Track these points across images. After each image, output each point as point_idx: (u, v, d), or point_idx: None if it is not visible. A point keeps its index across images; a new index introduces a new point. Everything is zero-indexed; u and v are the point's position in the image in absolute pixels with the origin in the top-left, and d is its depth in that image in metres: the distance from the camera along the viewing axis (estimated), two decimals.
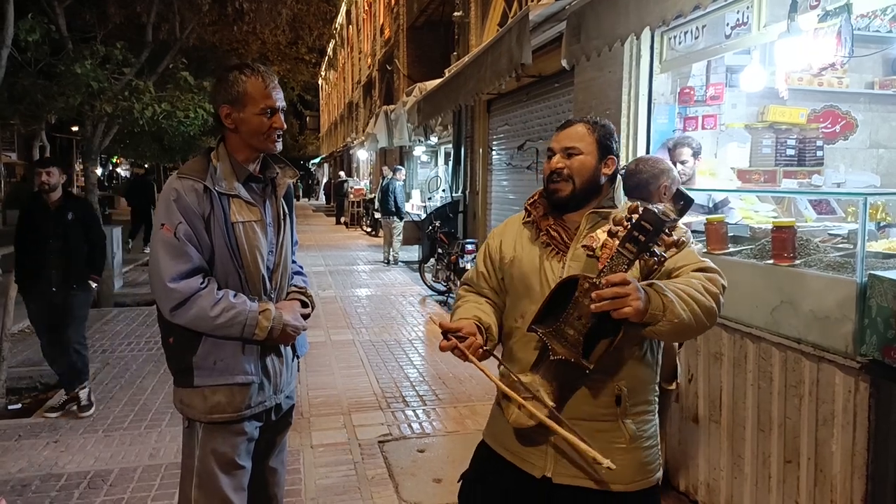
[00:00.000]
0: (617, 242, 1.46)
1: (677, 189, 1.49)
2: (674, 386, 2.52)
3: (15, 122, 8.60)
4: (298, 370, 2.32)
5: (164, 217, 1.89)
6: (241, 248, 1.94)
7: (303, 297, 2.17)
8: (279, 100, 1.97)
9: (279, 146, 2.02)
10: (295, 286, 2.21)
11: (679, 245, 1.49)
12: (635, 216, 1.45)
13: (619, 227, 1.47)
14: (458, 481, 1.91)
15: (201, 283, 1.89)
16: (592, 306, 1.44)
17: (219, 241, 1.92)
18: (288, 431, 2.28)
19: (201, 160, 1.99)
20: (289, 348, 2.14)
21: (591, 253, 1.54)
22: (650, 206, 1.43)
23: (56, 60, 6.89)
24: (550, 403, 1.55)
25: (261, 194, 2.06)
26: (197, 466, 1.98)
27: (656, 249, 1.47)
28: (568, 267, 1.66)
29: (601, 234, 1.54)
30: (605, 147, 1.73)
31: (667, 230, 1.44)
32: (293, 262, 2.26)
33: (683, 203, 1.45)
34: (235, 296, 1.93)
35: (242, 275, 1.97)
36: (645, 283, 1.50)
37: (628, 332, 1.52)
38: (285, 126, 2.01)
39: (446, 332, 1.65)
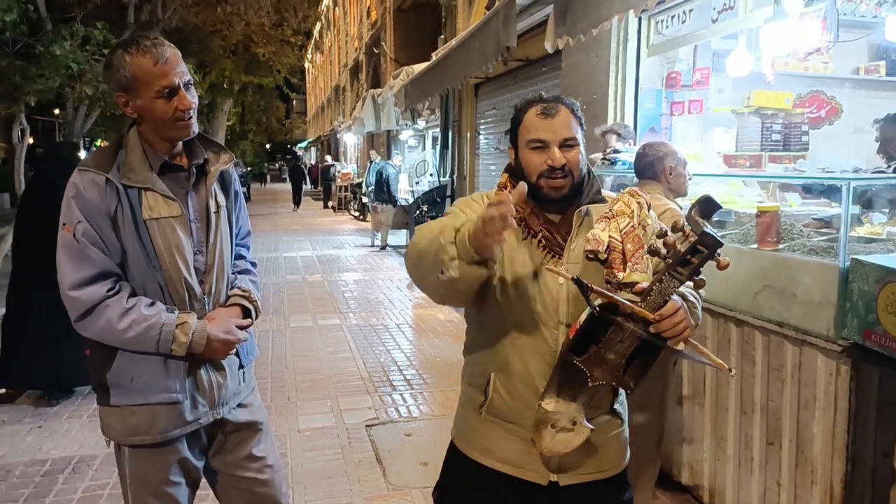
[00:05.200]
0: (664, 263, 1.37)
1: (706, 195, 1.38)
2: (681, 346, 2.54)
3: None
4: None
5: (64, 216, 1.67)
6: (157, 249, 1.70)
7: (245, 303, 1.89)
8: (179, 74, 1.67)
9: (194, 129, 1.75)
10: (238, 289, 1.92)
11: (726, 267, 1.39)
12: (684, 238, 1.34)
13: (660, 244, 1.35)
14: (434, 493, 1.77)
15: (108, 291, 1.66)
16: (672, 341, 1.38)
17: (130, 241, 1.68)
18: (257, 435, 1.98)
19: (109, 149, 1.74)
20: (233, 356, 1.87)
21: (594, 256, 1.46)
22: (707, 230, 1.32)
23: (34, 41, 6.76)
24: (590, 427, 1.48)
25: (184, 185, 1.78)
26: (130, 495, 1.81)
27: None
28: (566, 271, 1.50)
29: (602, 235, 1.46)
30: (582, 127, 1.57)
31: (719, 252, 1.35)
32: (242, 257, 2.01)
33: (710, 208, 1.38)
34: (151, 305, 1.69)
35: (161, 279, 1.72)
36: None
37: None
38: (193, 104, 1.71)
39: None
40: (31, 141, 7.32)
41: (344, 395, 4.60)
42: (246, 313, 1.90)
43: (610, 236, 1.47)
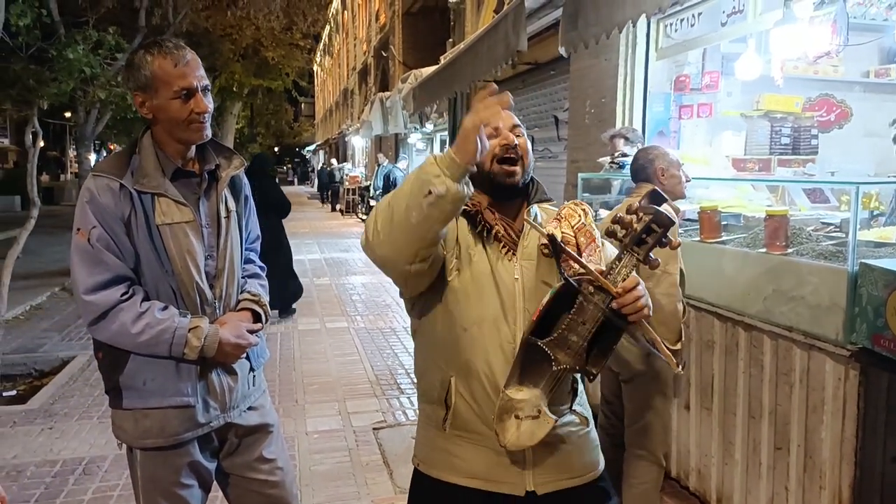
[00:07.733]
0: (620, 244, 1.40)
1: (654, 189, 1.44)
2: (679, 346, 2.54)
3: (7, 107, 8.54)
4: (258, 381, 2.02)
5: (78, 221, 1.68)
6: (169, 254, 1.73)
7: (255, 307, 1.92)
8: (198, 78, 1.71)
9: (207, 133, 1.77)
10: (249, 294, 1.94)
11: (676, 248, 1.45)
12: (643, 218, 1.37)
13: (617, 227, 1.38)
14: None
15: (123, 295, 1.68)
16: (632, 317, 1.37)
17: (143, 246, 1.70)
18: (268, 437, 1.99)
19: (123, 154, 1.76)
20: (244, 359, 1.89)
21: (548, 251, 1.49)
22: (660, 209, 1.36)
23: (48, 45, 6.84)
24: (554, 417, 1.47)
25: (196, 191, 1.81)
26: (142, 497, 1.82)
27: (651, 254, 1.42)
28: (521, 267, 1.53)
29: (555, 232, 1.50)
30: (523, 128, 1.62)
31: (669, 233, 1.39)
32: (251, 261, 2.04)
33: (657, 199, 1.42)
34: (164, 309, 1.71)
35: (174, 284, 1.74)
36: None
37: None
38: (210, 108, 1.75)
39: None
40: (42, 144, 7.39)
41: (351, 397, 4.61)
42: (256, 317, 1.92)
43: (563, 232, 1.51)
